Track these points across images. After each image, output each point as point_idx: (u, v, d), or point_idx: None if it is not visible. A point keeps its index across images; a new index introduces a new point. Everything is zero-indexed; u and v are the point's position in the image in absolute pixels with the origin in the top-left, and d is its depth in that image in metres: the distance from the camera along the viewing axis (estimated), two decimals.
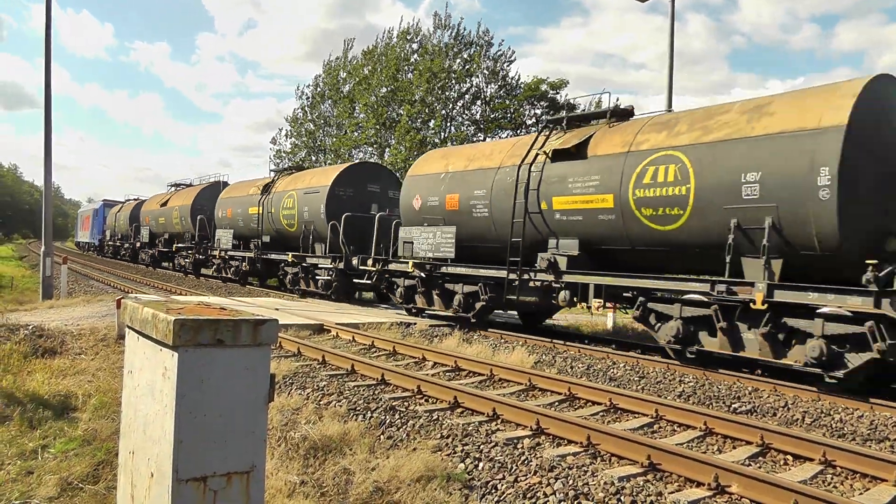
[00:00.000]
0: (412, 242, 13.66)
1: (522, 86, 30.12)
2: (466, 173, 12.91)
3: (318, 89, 37.29)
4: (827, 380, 7.72)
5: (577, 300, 10.63)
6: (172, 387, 2.38)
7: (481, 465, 5.04)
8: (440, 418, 6.16)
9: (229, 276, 23.06)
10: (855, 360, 7.55)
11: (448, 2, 64.29)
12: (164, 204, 29.86)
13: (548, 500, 4.42)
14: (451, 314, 13.08)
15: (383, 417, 6.20)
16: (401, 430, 5.89)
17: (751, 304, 8.28)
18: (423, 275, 13.46)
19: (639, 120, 10.78)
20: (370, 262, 14.89)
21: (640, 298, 9.72)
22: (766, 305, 8.18)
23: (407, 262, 13.72)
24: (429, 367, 9.00)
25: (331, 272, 17.28)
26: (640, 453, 5.13)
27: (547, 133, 11.96)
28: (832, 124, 7.81)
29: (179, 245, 27.54)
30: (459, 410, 6.60)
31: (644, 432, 6.17)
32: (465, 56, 30.24)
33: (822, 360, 7.68)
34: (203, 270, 26.17)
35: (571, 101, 29.72)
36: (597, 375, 8.91)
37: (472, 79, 30.26)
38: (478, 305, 12.51)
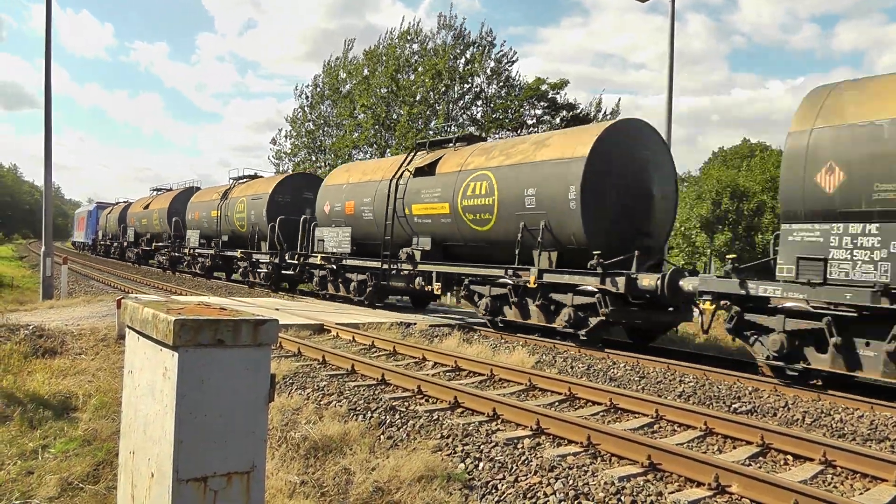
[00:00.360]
0: (323, 240, 17.32)
1: (523, 85, 30.12)
2: (359, 185, 16.43)
3: (318, 89, 37.28)
4: (581, 337, 10.66)
5: (428, 285, 13.94)
6: (173, 387, 2.38)
7: (481, 465, 5.04)
8: (440, 418, 6.16)
9: (197, 271, 26.05)
10: (592, 321, 10.64)
11: (450, 2, 64.39)
12: (147, 207, 33.16)
13: (548, 500, 4.42)
14: (351, 297, 16.53)
15: (383, 417, 6.20)
16: (401, 430, 5.89)
17: (527, 284, 11.46)
18: (333, 266, 16.94)
19: (473, 146, 14.17)
20: (295, 256, 18.72)
21: (465, 282, 12.99)
22: (537, 285, 11.28)
23: (317, 256, 17.45)
24: (429, 367, 9.00)
25: (269, 266, 20.40)
26: (640, 453, 5.14)
27: (414, 153, 15.53)
28: (579, 155, 10.90)
29: (158, 244, 30.75)
30: (460, 410, 6.60)
31: (644, 432, 6.17)
32: (468, 56, 30.26)
33: (573, 322, 10.83)
34: (179, 267, 28.72)
35: (571, 102, 29.76)
36: (597, 375, 8.91)
37: (474, 78, 30.27)
38: (367, 290, 15.98)
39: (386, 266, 15.01)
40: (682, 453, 5.03)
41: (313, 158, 36.53)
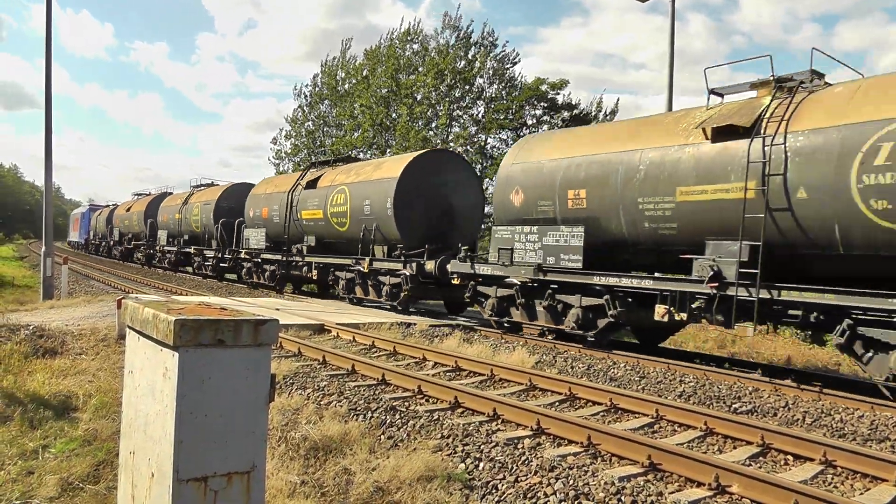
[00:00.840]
0: (248, 239, 21.56)
1: (523, 86, 30.11)
2: (272, 195, 20.71)
3: (317, 89, 37.24)
4: (398, 307, 14.98)
5: (313, 274, 18.13)
6: (173, 387, 2.38)
7: (482, 465, 5.04)
8: (441, 418, 6.16)
9: (166, 265, 30.03)
10: (402, 296, 14.83)
11: (452, 2, 64.30)
12: (128, 209, 37.42)
13: (548, 500, 4.42)
14: (265, 283, 20.93)
15: (384, 417, 6.20)
16: (401, 430, 5.89)
17: (361, 269, 15.82)
18: (256, 259, 21.35)
19: (346, 166, 18.30)
20: (230, 252, 23.12)
21: (331, 269, 17.37)
22: (369, 270, 15.63)
23: (241, 252, 22.14)
24: (429, 367, 9.00)
25: (213, 260, 24.88)
26: (640, 453, 5.13)
27: (307, 171, 20.11)
28: (393, 176, 15.09)
29: (137, 242, 35.01)
30: (460, 410, 6.60)
31: (644, 432, 6.16)
32: (469, 56, 30.23)
33: (391, 296, 15.21)
34: (153, 262, 32.45)
35: (571, 102, 29.73)
36: (597, 375, 8.90)
37: (476, 79, 30.24)
38: (277, 276, 20.25)
39: (286, 258, 19.38)
40: (683, 453, 5.03)
41: (313, 159, 36.51)
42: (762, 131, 8.55)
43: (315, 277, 18.06)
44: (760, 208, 8.39)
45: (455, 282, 13.30)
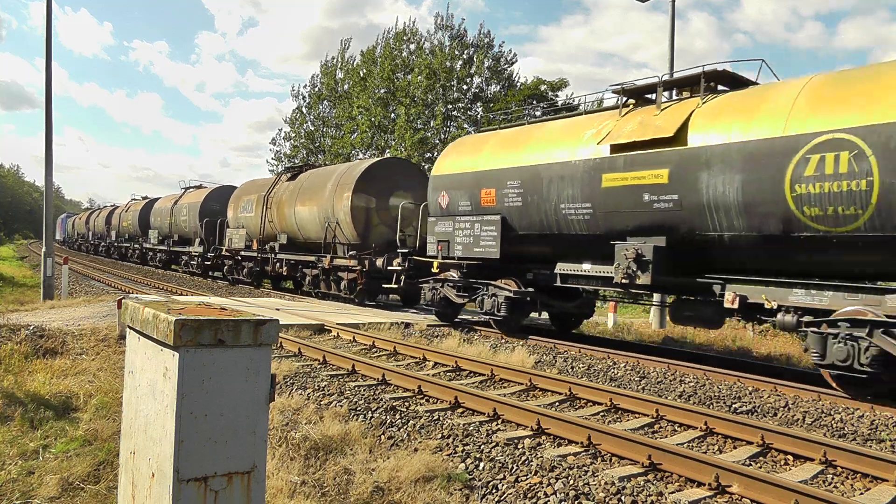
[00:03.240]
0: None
1: (521, 85, 30.10)
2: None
3: (316, 89, 37.23)
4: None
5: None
6: (173, 387, 2.38)
7: (482, 465, 5.04)
8: (441, 418, 6.17)
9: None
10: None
11: (449, 1, 64.07)
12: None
13: (548, 500, 4.42)
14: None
15: (384, 417, 6.20)
16: (401, 430, 5.90)
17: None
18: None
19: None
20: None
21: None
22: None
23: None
24: (429, 367, 9.00)
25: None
26: (640, 453, 5.14)
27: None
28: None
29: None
30: (460, 410, 6.60)
31: (645, 432, 6.17)
32: (465, 57, 30.21)
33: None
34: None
35: (571, 103, 29.72)
36: (597, 375, 8.91)
37: (473, 79, 30.24)
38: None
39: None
40: (683, 453, 5.03)
41: (312, 159, 36.50)
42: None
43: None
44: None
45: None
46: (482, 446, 5.40)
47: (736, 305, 8.55)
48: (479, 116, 30.39)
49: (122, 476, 2.95)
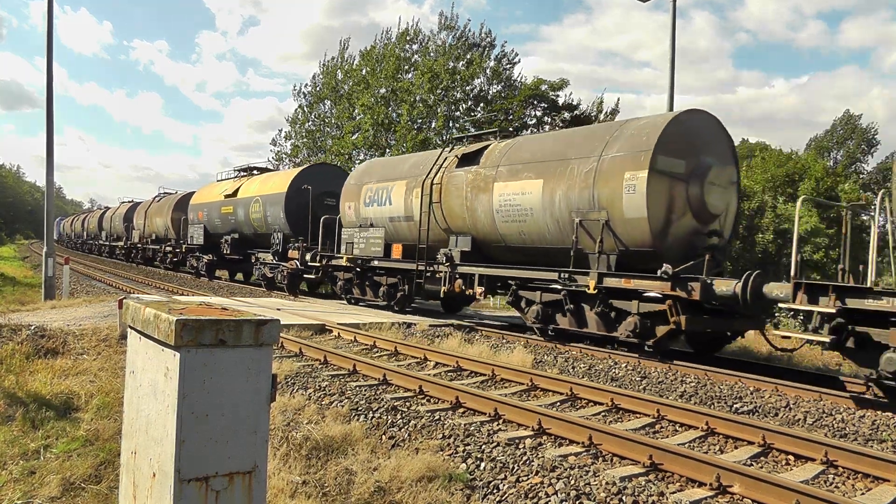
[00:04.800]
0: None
1: (521, 86, 30.09)
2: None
3: (316, 89, 37.19)
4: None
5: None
6: (174, 387, 2.38)
7: (483, 465, 5.04)
8: (442, 418, 6.17)
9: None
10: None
11: (453, 1, 64.04)
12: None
13: (549, 500, 4.42)
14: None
15: (385, 417, 6.20)
16: (403, 430, 5.90)
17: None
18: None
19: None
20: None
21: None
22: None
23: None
24: (430, 367, 9.00)
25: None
26: (641, 453, 5.14)
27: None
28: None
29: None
30: (461, 410, 6.60)
31: (646, 432, 6.17)
32: (468, 58, 30.19)
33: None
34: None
35: (572, 102, 29.73)
36: (598, 376, 8.90)
37: (476, 80, 30.22)
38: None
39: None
40: (684, 453, 5.03)
41: (312, 159, 36.47)
42: None
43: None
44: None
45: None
46: (483, 446, 5.40)
47: None
48: (480, 117, 30.38)
49: (124, 476, 2.95)
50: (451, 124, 30.28)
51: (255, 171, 25.00)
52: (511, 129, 29.47)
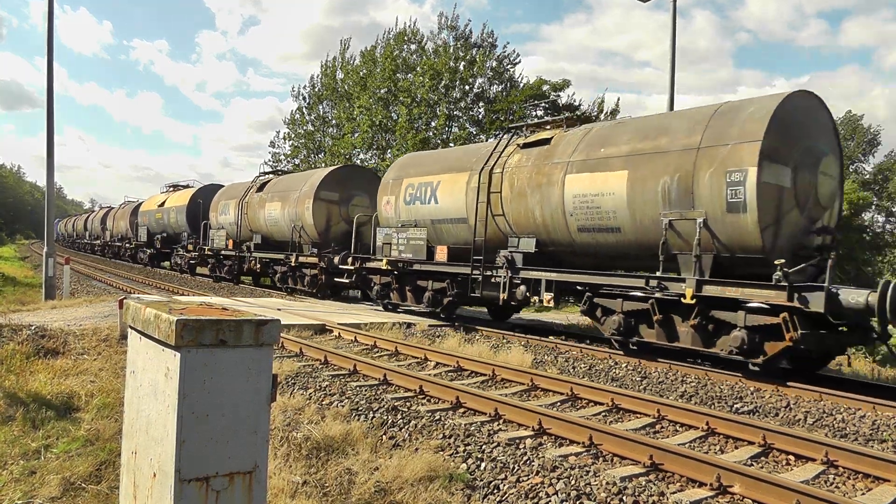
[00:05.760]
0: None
1: (523, 85, 30.07)
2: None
3: (316, 90, 37.16)
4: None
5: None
6: (175, 387, 2.38)
7: (483, 465, 5.04)
8: (442, 418, 6.17)
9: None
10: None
11: (454, 1, 63.82)
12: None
13: (550, 501, 4.42)
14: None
15: (386, 417, 6.20)
16: (403, 430, 5.90)
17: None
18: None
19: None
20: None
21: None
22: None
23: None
24: (431, 367, 9.00)
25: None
26: (642, 453, 5.13)
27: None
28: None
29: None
30: (462, 410, 6.60)
31: (646, 432, 6.16)
32: (469, 58, 30.17)
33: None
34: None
35: (573, 102, 29.70)
36: (599, 376, 8.90)
37: (476, 79, 30.20)
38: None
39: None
40: (684, 453, 5.02)
41: (312, 160, 36.47)
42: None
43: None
44: None
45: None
46: (484, 446, 5.40)
47: None
48: (480, 117, 30.37)
49: (124, 476, 2.95)
50: (451, 124, 30.27)
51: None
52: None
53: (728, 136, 8.95)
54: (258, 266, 21.61)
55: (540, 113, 29.87)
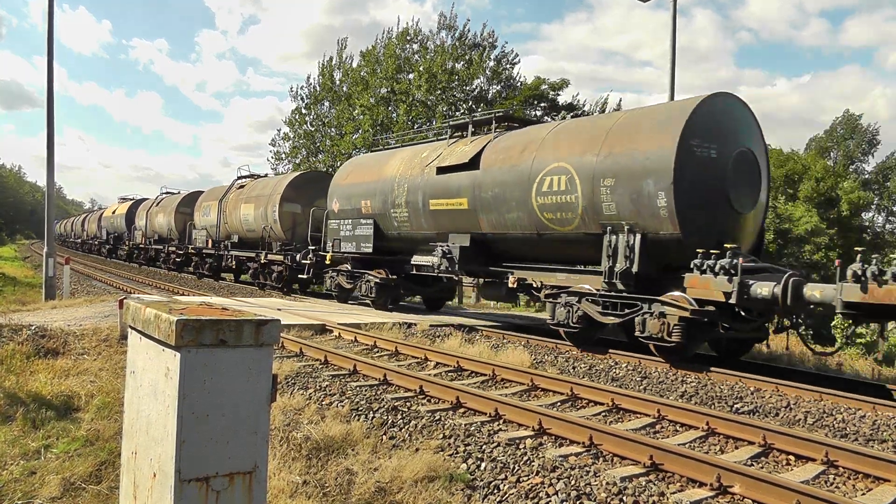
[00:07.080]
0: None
1: (522, 86, 30.06)
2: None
3: (314, 91, 37.12)
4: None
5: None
6: (175, 387, 2.38)
7: (484, 465, 5.04)
8: (442, 418, 6.16)
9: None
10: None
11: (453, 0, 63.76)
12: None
13: (550, 501, 4.42)
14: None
15: (386, 418, 6.20)
16: (403, 430, 5.90)
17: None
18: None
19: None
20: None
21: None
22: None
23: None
24: (431, 367, 9.00)
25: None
26: (642, 453, 5.13)
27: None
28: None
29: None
30: (462, 411, 6.59)
31: (646, 432, 6.16)
32: (468, 58, 30.15)
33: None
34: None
35: (572, 102, 29.71)
36: (599, 376, 8.90)
37: (476, 80, 30.19)
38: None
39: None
40: (684, 453, 5.02)
41: (312, 160, 36.45)
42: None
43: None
44: None
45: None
46: (484, 446, 5.40)
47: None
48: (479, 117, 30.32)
49: (124, 476, 2.95)
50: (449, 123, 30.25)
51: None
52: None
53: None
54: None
55: (539, 113, 29.87)
